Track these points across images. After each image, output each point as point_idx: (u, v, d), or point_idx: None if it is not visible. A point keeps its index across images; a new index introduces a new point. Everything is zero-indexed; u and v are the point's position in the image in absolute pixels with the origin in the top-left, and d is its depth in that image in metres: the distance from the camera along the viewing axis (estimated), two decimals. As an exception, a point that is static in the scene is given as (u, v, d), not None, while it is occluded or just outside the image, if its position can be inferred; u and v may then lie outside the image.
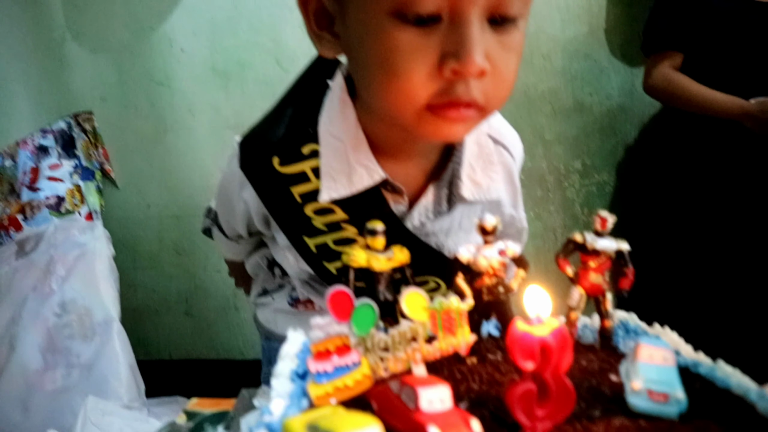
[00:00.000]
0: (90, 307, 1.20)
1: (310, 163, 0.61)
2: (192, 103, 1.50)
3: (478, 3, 0.46)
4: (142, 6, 1.50)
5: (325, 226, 0.63)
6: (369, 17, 0.49)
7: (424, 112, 0.51)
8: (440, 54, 0.48)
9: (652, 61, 1.34)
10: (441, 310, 0.44)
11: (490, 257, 0.49)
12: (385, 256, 0.48)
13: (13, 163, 1.46)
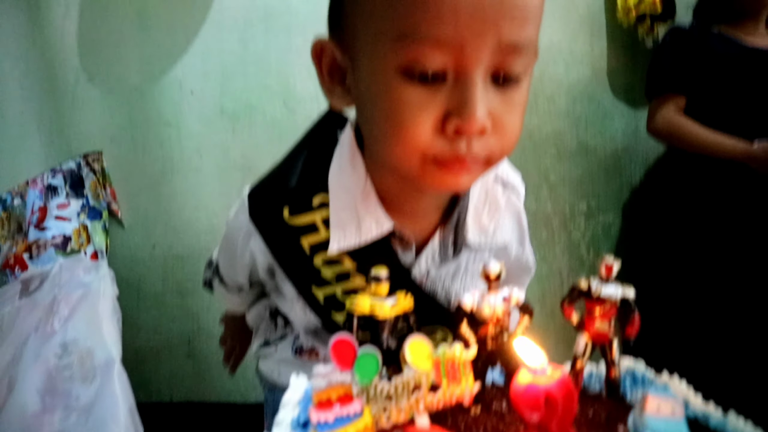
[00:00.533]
0: (91, 348, 1.18)
1: (320, 214, 0.62)
2: (200, 144, 1.52)
3: (482, 62, 0.48)
4: (154, 49, 1.54)
5: (334, 276, 0.63)
6: (378, 73, 0.50)
7: (429, 165, 0.52)
8: (444, 111, 0.49)
9: (655, 103, 1.36)
10: (445, 359, 0.43)
11: (494, 305, 0.48)
12: (388, 303, 0.48)
13: (21, 202, 1.47)
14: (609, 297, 0.53)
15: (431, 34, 0.46)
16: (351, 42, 0.54)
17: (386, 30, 0.48)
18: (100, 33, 1.55)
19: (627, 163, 1.56)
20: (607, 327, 0.53)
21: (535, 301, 1.46)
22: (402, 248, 0.63)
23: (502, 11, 0.46)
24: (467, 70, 0.48)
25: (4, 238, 1.44)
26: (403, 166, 0.53)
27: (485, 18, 0.46)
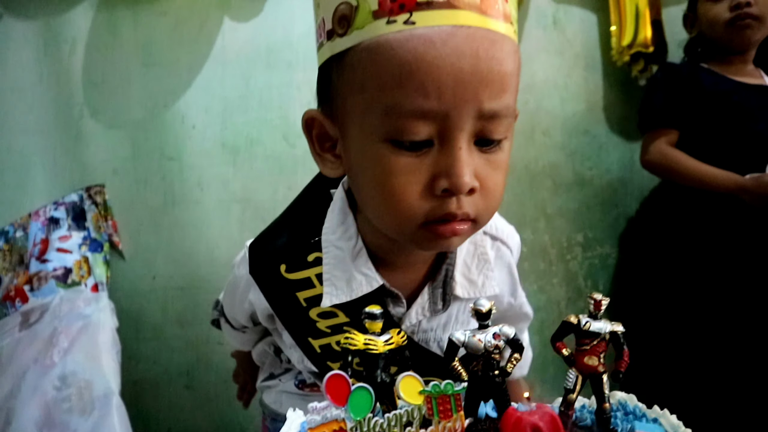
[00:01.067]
0: (90, 380, 1.18)
1: (314, 270, 0.66)
2: (201, 177, 1.54)
3: (465, 129, 0.52)
4: (157, 84, 1.57)
5: (329, 328, 0.67)
6: (368, 143, 0.54)
7: (420, 229, 0.55)
8: (432, 174, 0.53)
9: (648, 137, 1.39)
10: (436, 394, 0.45)
11: (485, 341, 0.50)
12: (382, 339, 0.49)
13: (24, 234, 1.48)
14: (598, 332, 0.54)
15: (417, 107, 0.50)
16: (341, 114, 0.57)
17: (375, 104, 0.52)
18: (104, 69, 1.58)
19: (622, 195, 1.58)
20: (596, 361, 0.54)
21: (534, 332, 1.46)
22: (392, 302, 0.66)
23: (481, 84, 0.50)
24: (452, 136, 0.52)
25: (5, 270, 1.45)
26: (396, 231, 0.58)
27: (466, 91, 0.50)
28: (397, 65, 0.50)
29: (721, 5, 1.34)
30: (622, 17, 1.50)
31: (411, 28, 0.49)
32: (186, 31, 1.58)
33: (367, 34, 0.51)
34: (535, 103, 1.57)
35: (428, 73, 0.49)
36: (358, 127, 0.55)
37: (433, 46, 0.49)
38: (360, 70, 0.52)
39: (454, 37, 0.49)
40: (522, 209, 1.55)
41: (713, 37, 1.38)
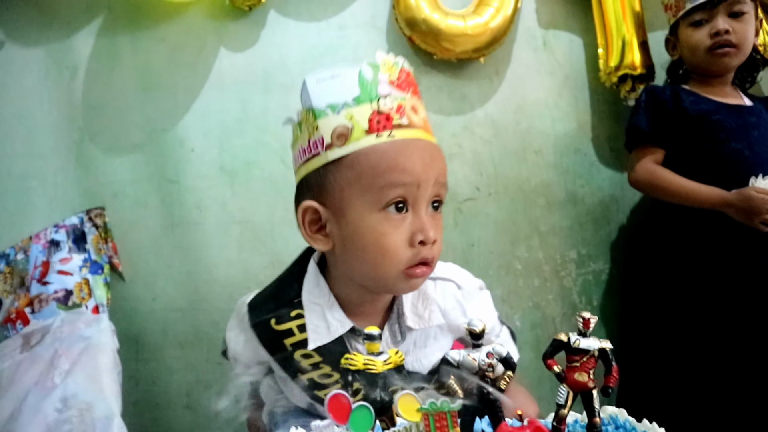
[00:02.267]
0: (91, 402, 1.19)
1: (295, 323, 0.86)
2: (200, 199, 1.56)
3: (426, 197, 0.80)
4: (155, 109, 1.60)
5: (310, 366, 0.85)
6: (366, 215, 0.79)
7: (400, 274, 0.80)
8: (411, 231, 0.79)
9: (635, 156, 1.44)
10: (434, 412, 0.47)
11: (479, 359, 0.52)
12: (381, 359, 0.51)
13: (25, 256, 1.50)
14: (587, 349, 0.57)
15: (402, 181, 0.78)
16: (338, 200, 0.80)
17: (372, 186, 0.78)
18: (104, 94, 1.61)
19: (614, 212, 1.62)
20: (586, 377, 0.57)
21: (529, 348, 1.48)
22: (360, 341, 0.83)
23: (434, 167, 0.80)
24: (419, 204, 0.80)
25: (6, 293, 1.46)
26: (382, 278, 0.81)
27: (428, 170, 0.79)
28: (386, 160, 0.77)
29: (702, 32, 1.40)
30: (608, 40, 1.54)
31: (392, 139, 0.78)
32: (184, 57, 1.62)
33: (361, 144, 0.78)
34: (527, 123, 1.61)
35: (406, 162, 0.78)
36: (356, 205, 0.79)
37: (408, 147, 0.79)
38: (357, 167, 0.78)
39: (418, 143, 0.80)
40: (515, 227, 1.58)
41: (694, 61, 1.44)
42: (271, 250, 1.54)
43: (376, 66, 0.80)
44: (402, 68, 0.82)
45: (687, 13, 1.42)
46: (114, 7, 1.64)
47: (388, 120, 0.78)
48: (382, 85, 0.79)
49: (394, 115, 0.78)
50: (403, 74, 0.82)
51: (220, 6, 1.61)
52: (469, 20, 1.49)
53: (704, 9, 1.39)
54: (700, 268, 1.35)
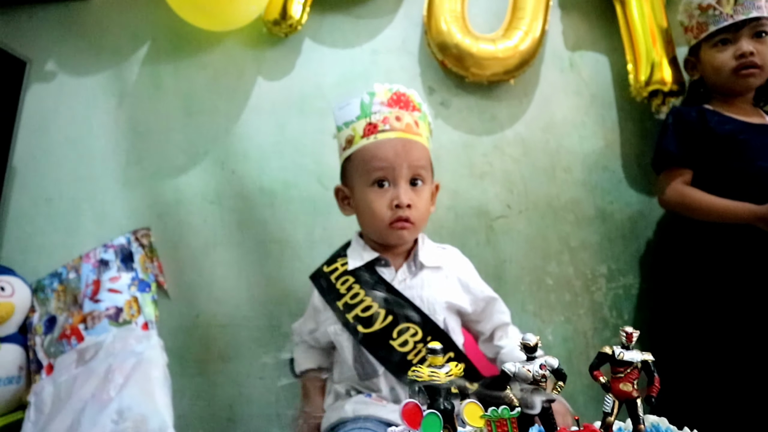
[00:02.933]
0: (146, 415, 1.26)
1: (340, 262, 1.21)
2: (241, 219, 1.63)
3: (403, 176, 1.14)
4: (198, 133, 1.68)
5: (346, 289, 1.16)
6: (362, 189, 1.17)
7: (387, 227, 1.15)
8: (390, 199, 1.14)
9: (664, 178, 1.47)
10: (495, 418, 0.52)
11: (533, 371, 0.57)
12: (443, 371, 0.56)
13: (76, 275, 1.58)
14: (631, 361, 0.61)
15: (382, 167, 1.14)
16: (351, 182, 1.21)
17: (364, 171, 1.15)
18: (149, 119, 1.70)
19: (643, 227, 1.64)
20: (630, 387, 0.61)
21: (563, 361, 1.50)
22: (386, 268, 1.18)
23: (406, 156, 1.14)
24: (397, 181, 1.14)
25: (60, 310, 1.54)
26: (377, 231, 1.18)
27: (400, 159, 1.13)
28: (370, 153, 1.15)
29: (726, 54, 1.43)
30: (637, 57, 1.58)
31: (376, 140, 1.15)
32: (224, 83, 1.70)
33: (359, 145, 1.17)
34: (555, 142, 1.65)
35: (382, 153, 1.14)
36: (358, 184, 1.18)
37: (384, 144, 1.14)
38: (356, 160, 1.18)
39: (393, 141, 1.14)
40: (546, 243, 1.62)
41: (718, 81, 1.46)
42: (310, 268, 1.57)
43: (372, 93, 1.18)
44: (395, 92, 1.19)
45: (710, 35, 1.45)
46: (158, 36, 1.73)
47: (375, 128, 1.15)
48: (375, 105, 1.17)
49: (379, 124, 1.15)
50: (395, 95, 1.18)
51: (257, 34, 1.69)
52: (499, 44, 1.54)
53: (728, 31, 1.42)
54: (729, 280, 1.37)
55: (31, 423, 1.35)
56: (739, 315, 1.35)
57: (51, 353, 1.47)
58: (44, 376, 1.43)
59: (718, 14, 1.43)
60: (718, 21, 1.43)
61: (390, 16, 1.70)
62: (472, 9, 1.65)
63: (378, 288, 1.14)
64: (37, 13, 1.76)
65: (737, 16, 1.40)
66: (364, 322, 1.11)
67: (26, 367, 1.49)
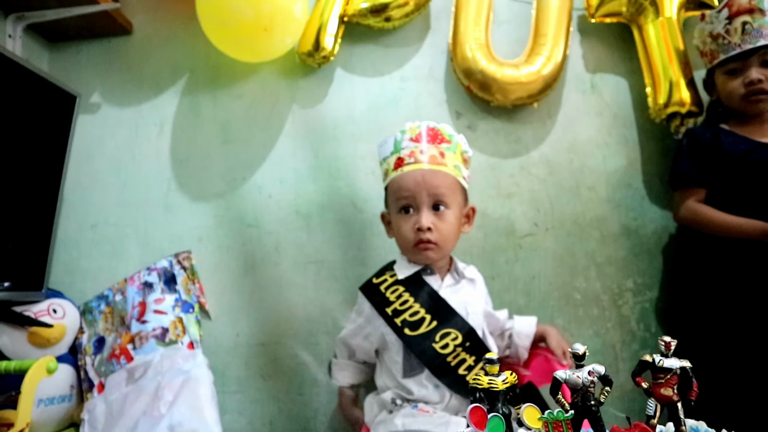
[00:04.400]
0: (196, 430, 1.31)
1: (389, 274, 1.33)
2: (278, 241, 1.70)
3: (424, 202, 1.26)
4: (235, 160, 1.76)
5: (395, 297, 1.28)
6: (394, 214, 1.32)
7: (413, 248, 1.28)
8: (414, 222, 1.26)
9: (679, 196, 1.53)
10: (552, 420, 0.57)
11: (583, 377, 0.63)
12: (500, 378, 0.62)
13: (122, 297, 1.65)
14: (671, 367, 0.67)
15: (405, 195, 1.27)
16: (388, 208, 1.35)
17: (394, 200, 1.30)
18: (188, 147, 1.78)
19: (666, 242, 1.68)
20: (671, 392, 0.66)
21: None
22: (432, 278, 1.31)
23: (428, 183, 1.25)
24: (419, 207, 1.26)
25: (108, 331, 1.61)
26: (407, 251, 1.31)
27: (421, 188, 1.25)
28: (397, 184, 1.29)
29: (736, 81, 1.48)
30: (655, 80, 1.63)
31: (402, 172, 1.28)
32: (260, 111, 1.78)
33: (390, 177, 1.31)
34: (579, 161, 1.70)
35: (405, 184, 1.27)
36: (392, 211, 1.32)
37: (407, 176, 1.27)
38: (389, 190, 1.33)
39: (415, 172, 1.27)
40: (573, 259, 1.67)
41: (731, 105, 1.52)
42: (345, 288, 1.66)
43: (403, 131, 1.32)
44: (424, 128, 1.31)
45: (721, 63, 1.51)
46: (196, 68, 1.82)
47: (402, 161, 1.29)
48: (404, 142, 1.31)
49: (405, 158, 1.29)
50: (423, 131, 1.31)
51: (291, 65, 1.78)
52: (522, 69, 1.61)
53: (737, 60, 1.47)
54: (741, 292, 1.41)
55: (86, 439, 1.42)
56: (750, 327, 1.39)
57: (102, 372, 1.54)
58: (96, 395, 1.50)
59: (727, 43, 1.48)
60: (727, 50, 1.48)
61: (417, 45, 1.78)
62: (496, 36, 1.73)
63: (425, 295, 1.27)
64: (82, 49, 1.86)
65: (745, 46, 1.45)
66: (411, 325, 1.23)
67: (77, 386, 1.56)
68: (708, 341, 1.46)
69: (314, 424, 1.62)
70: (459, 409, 1.18)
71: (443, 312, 1.24)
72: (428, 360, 1.20)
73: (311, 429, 1.62)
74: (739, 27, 1.46)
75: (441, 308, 1.25)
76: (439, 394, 1.20)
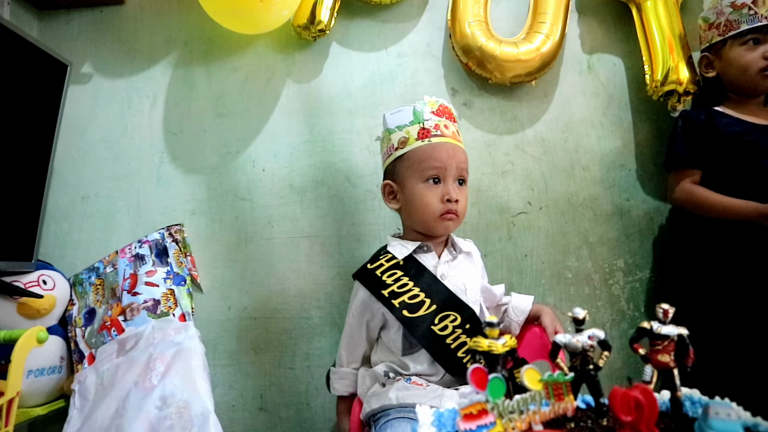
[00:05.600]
0: (188, 401, 1.31)
1: (384, 258, 1.29)
2: (271, 215, 1.69)
3: (452, 175, 1.27)
4: (229, 133, 1.74)
5: (393, 280, 1.25)
6: (415, 185, 1.28)
7: (437, 218, 1.26)
8: (441, 194, 1.25)
9: (673, 178, 1.54)
10: (552, 382, 0.58)
11: (582, 341, 0.63)
12: (500, 342, 0.63)
13: (113, 269, 1.64)
14: (668, 334, 0.67)
15: (435, 166, 1.25)
16: (400, 178, 1.30)
17: (418, 169, 1.27)
18: (182, 120, 1.77)
19: (658, 223, 1.70)
20: (668, 358, 0.67)
21: (582, 353, 1.56)
22: (428, 254, 1.30)
23: (456, 159, 1.27)
24: (447, 179, 1.26)
25: (99, 303, 1.60)
26: (427, 222, 1.28)
27: (451, 160, 1.26)
28: (426, 153, 1.26)
29: (755, 53, 1.46)
30: (653, 58, 1.62)
31: (430, 143, 1.27)
32: (255, 85, 1.76)
33: (413, 146, 1.28)
34: (574, 141, 1.71)
35: (437, 155, 1.26)
36: (410, 180, 1.28)
37: (439, 147, 1.27)
38: (411, 159, 1.28)
39: (446, 145, 1.27)
40: (566, 239, 1.67)
41: (742, 80, 1.50)
42: (338, 263, 1.66)
43: (423, 103, 1.31)
44: (441, 104, 1.32)
45: (739, 33, 1.48)
46: (190, 40, 1.80)
47: (428, 132, 1.28)
48: (426, 113, 1.30)
49: (432, 130, 1.28)
50: (441, 107, 1.32)
51: (287, 38, 1.76)
52: (521, 47, 1.60)
53: (760, 31, 1.46)
54: (734, 274, 1.42)
55: (77, 409, 1.41)
56: (742, 309, 1.40)
57: (92, 344, 1.53)
58: (86, 366, 1.50)
59: (753, 14, 1.46)
60: (752, 20, 1.46)
61: (414, 21, 1.77)
62: (494, 14, 1.72)
63: (424, 278, 1.25)
64: (73, 19, 1.83)
65: None
66: (410, 307, 1.21)
67: (67, 357, 1.56)
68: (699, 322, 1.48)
69: (305, 398, 1.63)
70: (452, 382, 1.19)
71: (442, 294, 1.23)
72: (427, 342, 1.19)
73: (302, 403, 1.63)
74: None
75: (439, 291, 1.24)
76: (435, 368, 1.20)
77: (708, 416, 0.54)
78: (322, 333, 1.64)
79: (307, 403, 1.63)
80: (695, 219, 1.53)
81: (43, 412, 1.47)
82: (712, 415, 0.54)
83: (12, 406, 1.20)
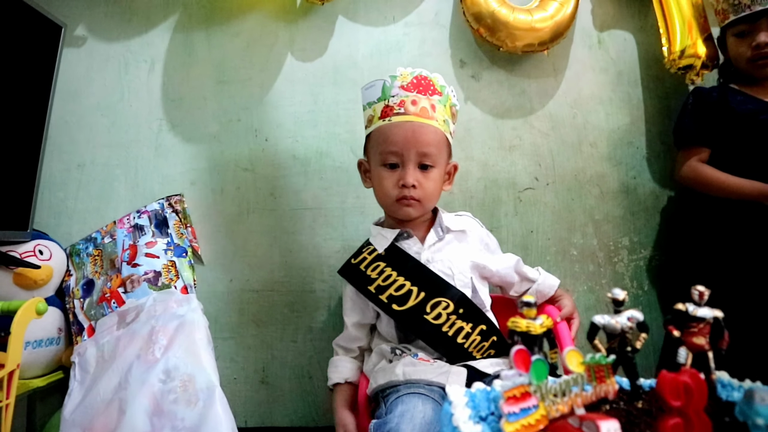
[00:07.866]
0: (192, 374, 1.30)
1: (366, 251, 1.28)
2: (274, 187, 1.66)
3: (411, 160, 1.20)
4: (231, 101, 1.69)
5: (377, 274, 1.22)
6: (376, 167, 1.25)
7: (394, 203, 1.22)
8: (398, 178, 1.20)
9: (681, 155, 1.53)
10: (593, 364, 0.56)
11: (621, 323, 0.61)
12: (538, 322, 0.61)
13: (112, 240, 1.60)
14: (704, 317, 0.66)
15: (392, 150, 1.20)
16: (369, 158, 1.28)
17: (378, 150, 1.22)
18: (181, 86, 1.71)
19: (664, 202, 1.69)
20: (703, 341, 0.66)
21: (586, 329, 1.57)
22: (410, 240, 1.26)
23: (416, 141, 1.19)
24: (405, 163, 1.20)
25: (98, 274, 1.57)
26: (386, 205, 1.27)
27: (409, 144, 1.19)
28: (383, 135, 1.21)
29: (744, 43, 1.48)
30: (670, 31, 1.58)
31: (390, 123, 1.21)
32: (257, 51, 1.71)
33: (376, 126, 1.24)
34: (583, 117, 1.68)
35: (393, 138, 1.20)
36: (373, 161, 1.25)
37: (396, 128, 1.20)
38: (373, 139, 1.25)
39: (405, 124, 1.19)
40: (572, 215, 1.66)
41: (739, 67, 1.51)
42: (342, 236, 1.63)
43: (394, 77, 1.23)
44: (416, 75, 1.22)
45: (731, 23, 1.50)
46: (190, 3, 1.74)
47: (391, 110, 1.20)
48: (394, 89, 1.22)
49: (395, 107, 1.20)
50: (415, 79, 1.22)
51: (291, 3, 1.70)
52: (536, 14, 1.56)
53: (746, 21, 1.46)
54: (737, 253, 1.43)
55: (77, 381, 1.39)
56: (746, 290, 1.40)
57: (91, 316, 1.50)
58: (86, 338, 1.47)
59: (737, 4, 1.47)
60: (737, 10, 1.47)
61: (423, -12, 1.72)
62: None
63: (408, 266, 1.21)
64: (67, -23, 1.75)
65: (755, 7, 1.43)
66: (399, 300, 1.18)
67: (65, 329, 1.53)
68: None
69: (307, 371, 1.62)
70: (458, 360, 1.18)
71: (429, 281, 1.19)
72: (423, 333, 1.16)
73: (304, 376, 1.62)
74: None
75: (426, 277, 1.19)
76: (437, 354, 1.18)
77: (754, 402, 0.53)
78: (326, 306, 1.63)
79: (309, 376, 1.62)
80: (701, 199, 1.52)
81: (42, 384, 1.44)
82: (758, 401, 0.52)
83: (12, 378, 1.18)
